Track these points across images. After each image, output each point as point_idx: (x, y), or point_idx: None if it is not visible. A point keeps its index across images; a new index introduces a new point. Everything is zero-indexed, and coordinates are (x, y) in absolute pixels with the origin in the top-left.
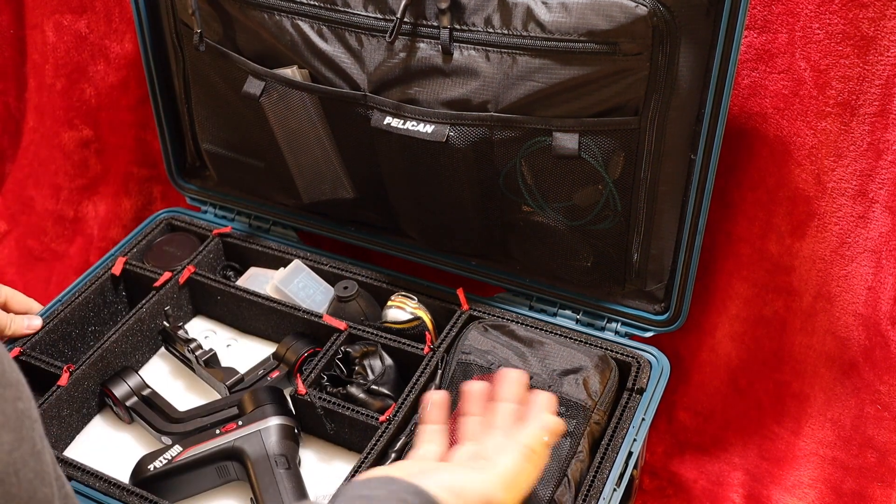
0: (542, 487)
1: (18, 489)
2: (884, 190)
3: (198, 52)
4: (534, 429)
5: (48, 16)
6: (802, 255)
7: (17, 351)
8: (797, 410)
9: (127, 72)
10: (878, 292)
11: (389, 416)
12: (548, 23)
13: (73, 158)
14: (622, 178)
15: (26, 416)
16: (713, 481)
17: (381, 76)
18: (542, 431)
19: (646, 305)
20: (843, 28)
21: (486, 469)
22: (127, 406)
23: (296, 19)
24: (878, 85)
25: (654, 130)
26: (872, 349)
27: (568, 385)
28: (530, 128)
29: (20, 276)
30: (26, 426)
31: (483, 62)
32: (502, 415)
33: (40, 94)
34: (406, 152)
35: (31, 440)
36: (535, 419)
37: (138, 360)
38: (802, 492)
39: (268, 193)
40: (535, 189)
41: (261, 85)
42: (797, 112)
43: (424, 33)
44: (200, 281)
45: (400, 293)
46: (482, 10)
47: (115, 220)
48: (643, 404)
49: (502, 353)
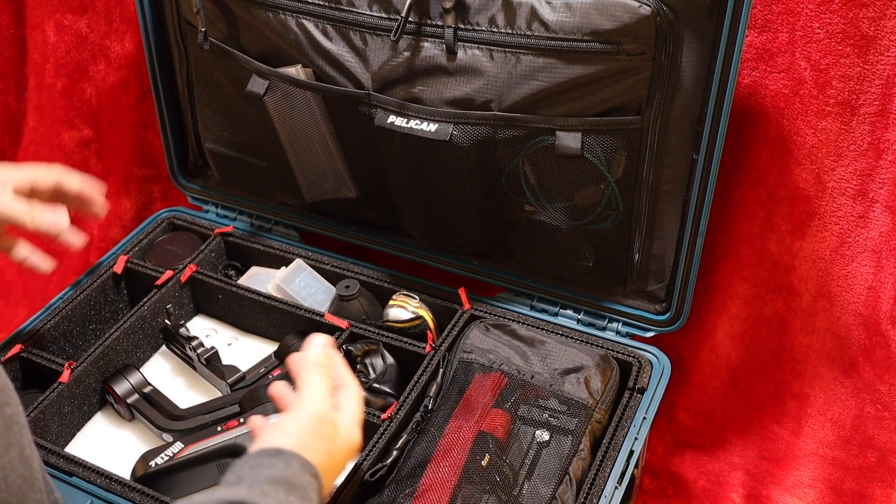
0: (543, 485)
1: (7, 494)
2: (884, 190)
3: (202, 50)
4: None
5: (49, 15)
6: (803, 255)
7: (18, 348)
8: (797, 410)
9: (127, 71)
10: (878, 292)
11: (391, 414)
12: (552, 22)
13: (73, 158)
14: (624, 177)
15: (14, 422)
16: (713, 481)
17: (385, 75)
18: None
19: (647, 305)
20: (843, 28)
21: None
22: (128, 403)
23: (300, 18)
24: (878, 84)
25: (657, 130)
26: (872, 349)
27: (569, 384)
28: (533, 127)
29: (20, 276)
30: (14, 432)
31: (487, 61)
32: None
33: (41, 93)
34: (409, 151)
35: (20, 445)
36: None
37: (140, 357)
38: (802, 492)
39: (270, 193)
40: (538, 188)
41: (265, 84)
42: (797, 112)
43: (429, 32)
44: (202, 280)
45: (402, 292)
46: (486, 9)
47: (115, 220)
48: (644, 403)
49: (504, 352)
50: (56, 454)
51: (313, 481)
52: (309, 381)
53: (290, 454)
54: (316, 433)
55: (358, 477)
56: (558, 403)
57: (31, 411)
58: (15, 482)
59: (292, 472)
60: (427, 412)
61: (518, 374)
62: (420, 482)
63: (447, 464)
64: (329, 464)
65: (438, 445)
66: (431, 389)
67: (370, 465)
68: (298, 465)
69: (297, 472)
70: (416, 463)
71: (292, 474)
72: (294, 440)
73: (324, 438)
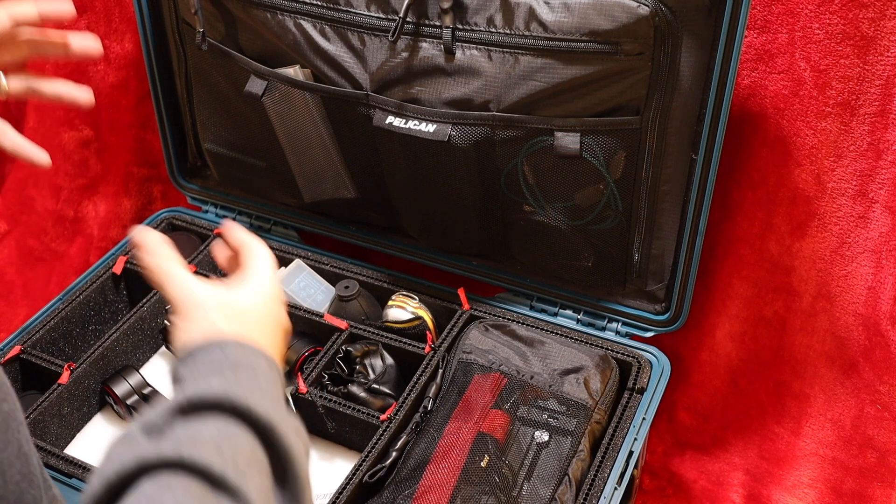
0: (542, 486)
1: (5, 490)
2: (884, 190)
3: (200, 51)
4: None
5: None
6: (802, 255)
7: (17, 349)
8: (797, 410)
9: (127, 72)
10: (878, 292)
11: (390, 414)
12: (550, 23)
13: (73, 158)
14: (623, 177)
15: (11, 419)
16: (713, 481)
17: (383, 75)
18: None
19: (646, 305)
20: (843, 28)
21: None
22: (128, 404)
23: (298, 18)
24: (878, 85)
25: (656, 130)
26: (872, 349)
27: (569, 384)
28: (532, 127)
29: (20, 276)
30: (12, 428)
31: (485, 62)
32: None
33: None
34: (408, 152)
35: (18, 442)
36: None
37: (139, 358)
38: (802, 492)
39: (269, 193)
40: (537, 188)
41: (263, 84)
42: (797, 112)
43: (427, 33)
44: None
45: (401, 293)
46: (484, 9)
47: (115, 220)
48: (644, 404)
49: (503, 352)
50: (55, 456)
51: (258, 356)
52: (258, 254)
53: (225, 340)
54: (264, 319)
55: (357, 478)
56: (558, 404)
57: (31, 413)
58: (13, 478)
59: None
60: (426, 413)
61: (517, 375)
62: (419, 483)
63: (446, 465)
64: (266, 341)
65: (438, 446)
66: (431, 390)
67: (369, 467)
68: (237, 346)
69: (238, 352)
70: (416, 464)
71: (234, 356)
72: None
73: (272, 323)
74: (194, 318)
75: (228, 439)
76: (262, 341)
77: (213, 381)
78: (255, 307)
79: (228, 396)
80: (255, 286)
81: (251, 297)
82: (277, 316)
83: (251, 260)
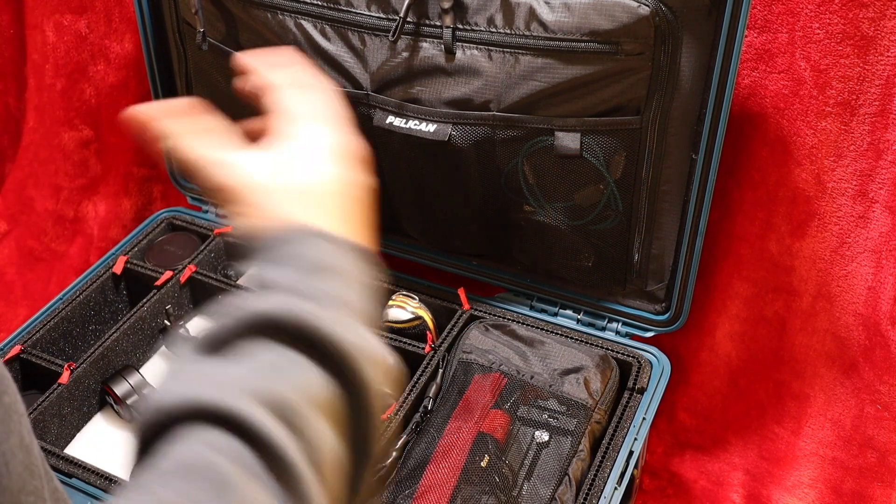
0: (543, 486)
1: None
2: (884, 190)
3: (200, 51)
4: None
5: (48, 16)
6: (802, 255)
7: (17, 349)
8: (797, 410)
9: (127, 72)
10: (878, 292)
11: (390, 414)
12: (550, 22)
13: (73, 158)
14: (623, 177)
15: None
16: (713, 481)
17: (383, 75)
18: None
19: (646, 305)
20: (843, 28)
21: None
22: (128, 404)
23: (299, 18)
24: (878, 85)
25: (656, 130)
26: (872, 349)
27: (569, 384)
28: (532, 127)
29: (20, 276)
30: (14, 420)
31: (485, 62)
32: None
33: (40, 94)
34: (408, 151)
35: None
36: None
37: (139, 358)
38: (802, 492)
39: None
40: (537, 188)
41: None
42: (797, 112)
43: (427, 33)
44: (201, 280)
45: (401, 293)
46: (485, 9)
47: (115, 220)
48: (644, 404)
49: (503, 352)
50: (55, 455)
51: (349, 251)
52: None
53: (310, 231)
54: (337, 188)
55: None
56: (558, 404)
57: (31, 412)
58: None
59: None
60: (426, 413)
61: (517, 375)
62: (419, 483)
63: (446, 465)
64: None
65: (438, 446)
66: (431, 390)
67: None
68: (325, 243)
69: (325, 250)
70: (416, 464)
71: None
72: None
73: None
74: (261, 205)
75: (293, 379)
76: (340, 220)
77: (296, 300)
78: (321, 175)
79: (310, 321)
80: (305, 145)
81: (308, 162)
82: (348, 175)
83: (283, 108)
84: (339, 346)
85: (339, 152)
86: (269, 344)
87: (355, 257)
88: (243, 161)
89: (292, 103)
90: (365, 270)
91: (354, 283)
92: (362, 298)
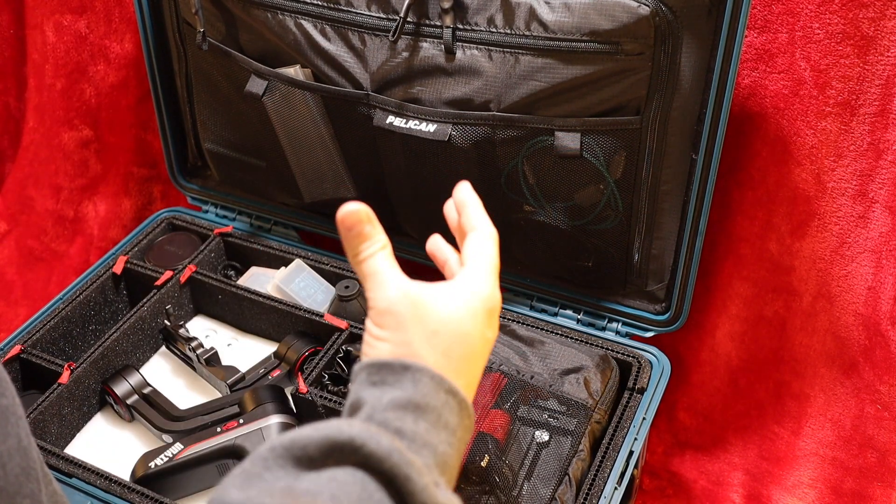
0: (543, 486)
1: (5, 482)
2: (884, 190)
3: (200, 51)
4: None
5: (48, 16)
6: (802, 255)
7: (17, 349)
8: (797, 410)
9: (127, 72)
10: (878, 292)
11: None
12: (550, 22)
13: (73, 158)
14: (623, 177)
15: (10, 413)
16: (713, 481)
17: (383, 75)
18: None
19: (646, 305)
20: (843, 28)
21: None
22: (128, 404)
23: (299, 18)
24: (878, 85)
25: (656, 130)
26: (872, 349)
27: (569, 384)
28: (532, 127)
29: (20, 276)
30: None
31: (486, 62)
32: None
33: (40, 94)
34: (408, 151)
35: (17, 436)
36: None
37: (139, 358)
38: (802, 492)
39: (269, 193)
40: (537, 188)
41: (263, 84)
42: (797, 112)
43: (427, 33)
44: (201, 280)
45: None
46: (485, 9)
47: (115, 220)
48: (644, 404)
49: (503, 352)
50: (56, 455)
51: (450, 400)
52: (484, 258)
53: (420, 369)
54: (462, 342)
55: None
56: (558, 404)
57: (31, 412)
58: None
59: (421, 392)
60: None
61: (518, 375)
62: None
63: None
64: (466, 378)
65: None
66: None
67: None
68: (430, 382)
69: (427, 391)
70: None
71: (421, 394)
72: (432, 351)
73: (466, 351)
74: (396, 332)
75: None
76: (460, 375)
77: (381, 433)
78: (468, 331)
79: (393, 463)
80: (468, 299)
81: (465, 318)
82: (486, 337)
83: (474, 258)
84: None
85: (492, 311)
86: (355, 473)
87: (458, 407)
88: (426, 295)
89: (490, 256)
90: (461, 422)
91: (447, 429)
92: (450, 446)
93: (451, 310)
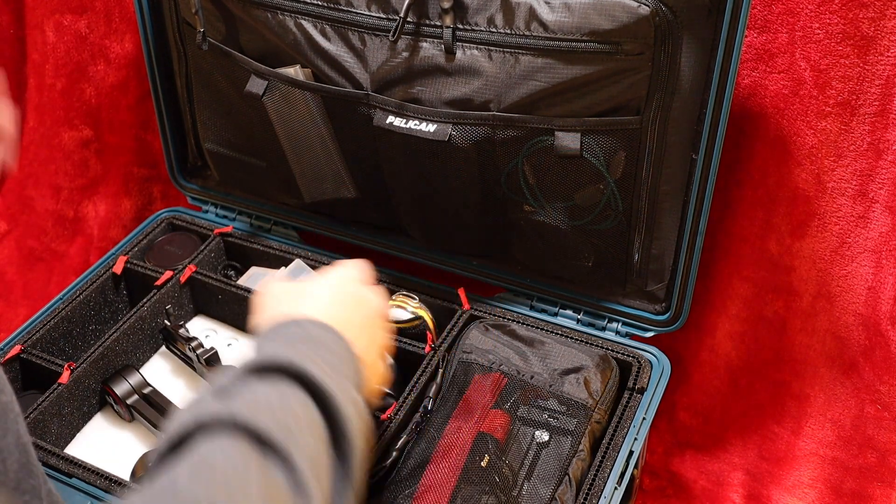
0: (543, 486)
1: (5, 477)
2: (884, 190)
3: (200, 51)
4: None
5: (48, 16)
6: (802, 255)
7: (17, 349)
8: (797, 410)
9: (127, 72)
10: (878, 292)
11: (390, 414)
12: (550, 22)
13: (73, 158)
14: (624, 177)
15: (9, 410)
16: (713, 481)
17: (383, 75)
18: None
19: (646, 305)
20: (843, 28)
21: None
22: (128, 404)
23: (299, 18)
24: (878, 85)
25: (656, 130)
26: (872, 349)
27: (569, 384)
28: (532, 127)
29: (20, 276)
30: (10, 419)
31: (486, 62)
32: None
33: (40, 94)
34: (408, 151)
35: (16, 432)
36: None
37: (139, 358)
38: (802, 492)
39: (269, 193)
40: (537, 188)
41: (263, 84)
42: (797, 112)
43: (427, 33)
44: (201, 280)
45: (401, 292)
46: (485, 9)
47: (115, 220)
48: (644, 404)
49: (503, 352)
50: (56, 455)
51: (336, 338)
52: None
53: (306, 321)
54: (345, 303)
55: None
56: (558, 404)
57: (31, 412)
58: (12, 466)
59: (308, 331)
60: (426, 413)
61: (517, 375)
62: (419, 483)
63: (447, 464)
64: (364, 340)
65: (438, 446)
66: (431, 390)
67: (370, 466)
68: (316, 327)
69: (314, 330)
70: (416, 464)
71: (308, 333)
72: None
73: (356, 310)
74: (273, 305)
75: (284, 402)
76: (343, 326)
77: (283, 349)
78: (329, 292)
79: (292, 362)
80: (327, 277)
81: (324, 285)
82: (360, 301)
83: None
84: (324, 386)
85: (344, 281)
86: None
87: (338, 343)
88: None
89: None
90: (344, 353)
91: (335, 355)
92: (341, 365)
93: (318, 283)
